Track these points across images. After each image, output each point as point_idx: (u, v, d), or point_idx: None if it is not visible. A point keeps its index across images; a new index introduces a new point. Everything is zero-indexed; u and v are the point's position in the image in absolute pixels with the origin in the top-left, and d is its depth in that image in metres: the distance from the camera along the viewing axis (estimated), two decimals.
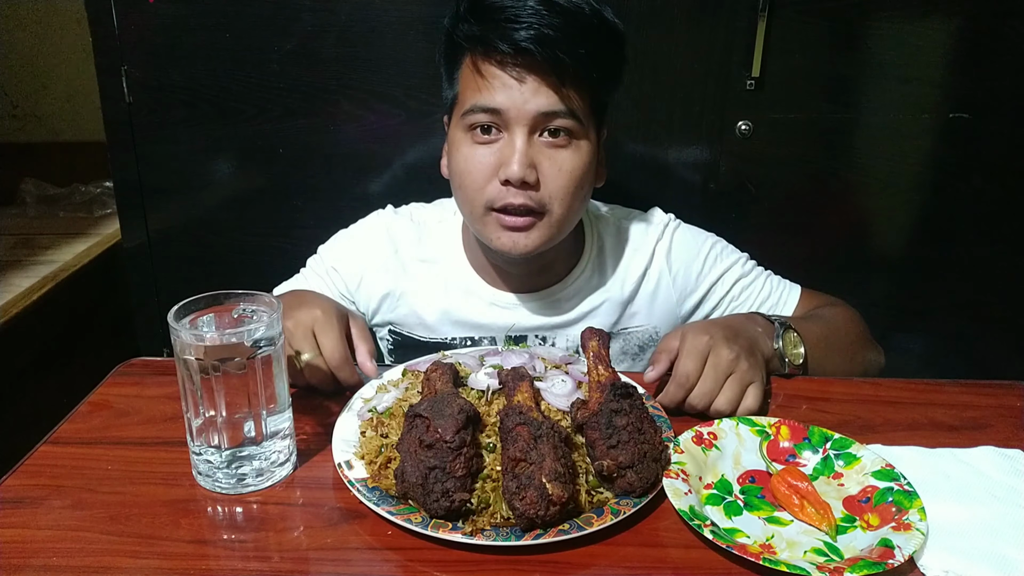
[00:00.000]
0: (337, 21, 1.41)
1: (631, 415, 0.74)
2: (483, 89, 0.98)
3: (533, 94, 0.96)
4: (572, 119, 0.98)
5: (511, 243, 1.02)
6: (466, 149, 1.01)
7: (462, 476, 0.70)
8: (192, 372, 0.73)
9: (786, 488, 0.75)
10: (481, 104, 0.98)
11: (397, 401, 0.85)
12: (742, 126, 1.45)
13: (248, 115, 1.47)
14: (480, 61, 0.98)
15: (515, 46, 0.94)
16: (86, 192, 2.10)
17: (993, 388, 0.96)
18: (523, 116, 0.97)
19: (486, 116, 0.98)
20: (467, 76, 1.00)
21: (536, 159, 0.99)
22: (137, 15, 1.42)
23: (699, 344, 0.89)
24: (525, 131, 0.98)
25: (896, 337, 1.59)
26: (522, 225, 1.00)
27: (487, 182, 1.00)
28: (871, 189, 1.51)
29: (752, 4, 1.37)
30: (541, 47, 0.93)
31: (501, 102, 0.97)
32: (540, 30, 0.93)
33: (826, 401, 0.93)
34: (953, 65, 1.42)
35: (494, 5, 0.96)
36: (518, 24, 0.93)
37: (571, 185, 1.00)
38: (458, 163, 1.03)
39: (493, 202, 1.00)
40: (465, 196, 1.03)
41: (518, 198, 0.99)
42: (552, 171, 0.99)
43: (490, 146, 1.00)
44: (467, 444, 0.71)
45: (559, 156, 0.99)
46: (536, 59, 0.94)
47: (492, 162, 0.99)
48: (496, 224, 1.02)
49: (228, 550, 0.69)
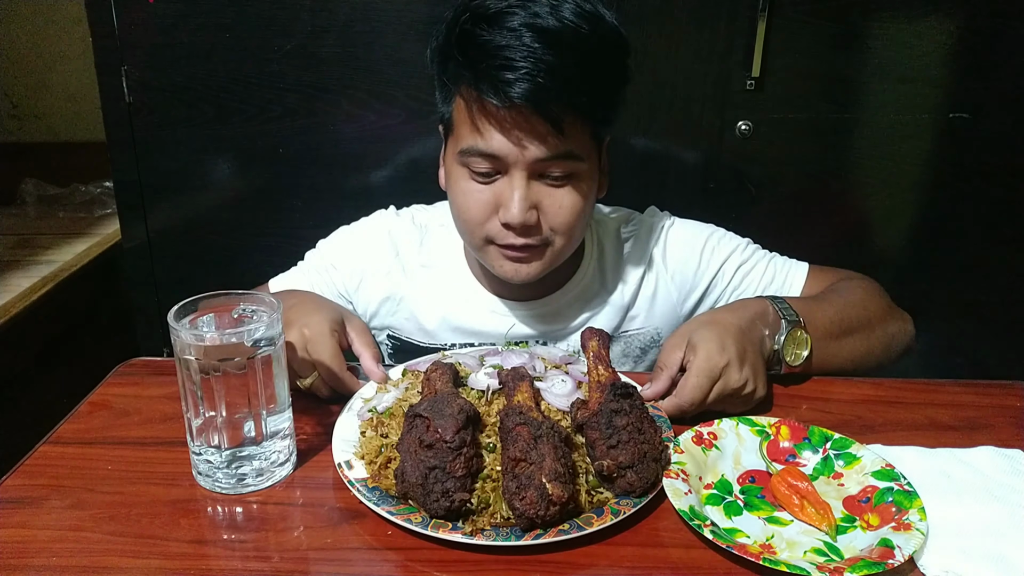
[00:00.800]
0: (337, 21, 1.42)
1: (631, 415, 0.74)
2: (479, 132, 0.94)
3: (530, 143, 0.92)
4: (572, 160, 0.95)
5: (513, 271, 1.01)
6: (464, 184, 0.98)
7: (462, 476, 0.70)
8: (192, 372, 0.73)
9: (786, 488, 0.75)
10: (478, 149, 0.94)
11: (397, 401, 0.85)
12: (742, 126, 1.45)
13: (248, 115, 1.47)
14: (475, 106, 0.94)
15: (508, 101, 0.88)
16: (86, 192, 2.10)
17: (993, 388, 0.96)
18: (521, 162, 0.94)
19: (483, 160, 0.95)
20: (462, 112, 0.96)
21: (536, 199, 0.96)
22: (137, 15, 1.42)
23: (709, 368, 0.86)
24: (524, 174, 0.95)
25: None
26: (523, 257, 1.00)
27: (487, 219, 0.98)
28: (871, 189, 1.51)
29: (752, 4, 1.37)
30: (535, 103, 0.88)
31: (498, 148, 0.93)
32: (534, 80, 0.87)
33: (826, 401, 0.93)
34: (953, 65, 1.42)
35: (486, 46, 0.89)
36: (512, 72, 0.87)
37: (573, 219, 0.99)
38: (456, 196, 1.01)
39: (494, 239, 0.99)
40: (465, 227, 1.02)
41: (519, 240, 0.98)
42: (553, 208, 0.97)
43: (489, 184, 0.97)
44: (467, 444, 0.71)
45: (559, 194, 0.97)
46: (532, 111, 0.90)
47: (491, 200, 0.97)
48: (497, 254, 1.01)
49: (228, 550, 0.69)
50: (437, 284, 1.14)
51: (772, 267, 1.16)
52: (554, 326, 1.13)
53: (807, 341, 0.96)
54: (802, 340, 0.96)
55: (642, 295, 1.15)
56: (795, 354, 0.95)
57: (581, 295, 1.13)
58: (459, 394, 0.79)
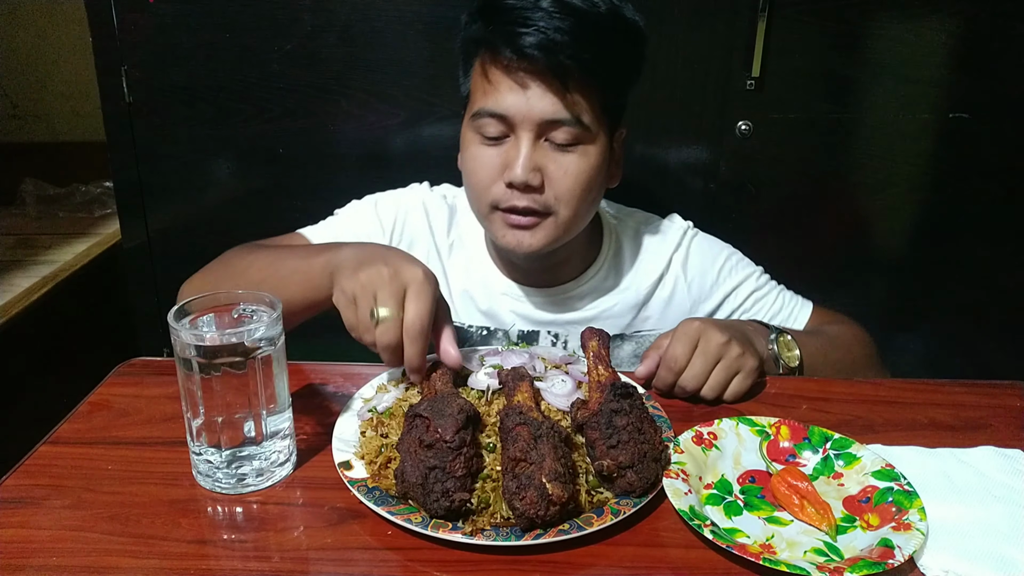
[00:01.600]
0: (337, 21, 1.42)
1: (631, 415, 0.74)
2: (490, 93, 0.98)
3: (538, 100, 0.96)
4: (578, 126, 0.97)
5: (516, 241, 1.02)
6: (474, 149, 1.02)
7: (462, 476, 0.70)
8: (192, 372, 0.73)
9: (786, 488, 0.75)
10: (488, 109, 0.98)
11: (397, 401, 0.85)
12: (742, 126, 1.45)
13: (248, 115, 1.48)
14: (488, 64, 0.98)
15: (519, 52, 0.93)
16: (86, 192, 2.11)
17: (993, 388, 0.96)
18: (528, 121, 0.97)
19: (493, 120, 0.99)
20: (477, 78, 1.01)
21: (541, 162, 0.99)
22: (137, 15, 1.42)
23: (689, 329, 0.91)
24: (531, 136, 0.98)
25: (896, 337, 1.59)
26: (526, 224, 1.01)
27: (492, 182, 1.01)
28: (871, 189, 1.51)
29: (752, 4, 1.37)
30: (545, 53, 0.92)
31: (507, 107, 0.97)
32: (547, 35, 0.92)
33: (826, 401, 0.93)
34: (953, 65, 1.42)
35: (504, 6, 0.95)
36: (526, 28, 0.92)
37: (576, 188, 1.00)
38: (467, 162, 1.04)
39: (498, 202, 1.01)
40: (473, 194, 1.05)
41: (522, 200, 0.99)
42: (558, 174, 0.99)
43: (497, 147, 1.00)
44: (467, 444, 0.71)
45: (565, 160, 0.99)
46: (541, 65, 0.94)
47: (498, 163, 1.00)
48: (502, 222, 1.02)
49: (228, 550, 0.69)
50: (461, 263, 1.17)
51: (781, 299, 1.20)
52: (567, 315, 1.15)
53: (796, 344, 1.01)
54: (791, 343, 1.01)
55: (658, 296, 1.17)
56: (788, 355, 1.00)
57: (596, 288, 1.15)
58: (459, 394, 0.79)
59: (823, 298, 1.57)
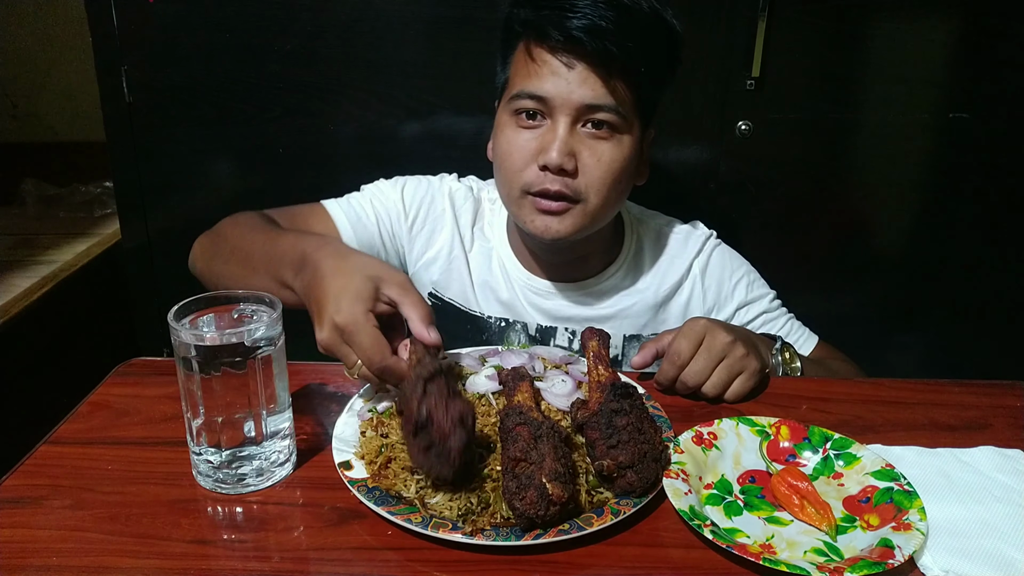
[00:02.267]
0: (337, 21, 1.42)
1: (631, 415, 0.74)
2: (532, 75, 0.99)
3: (580, 84, 0.97)
4: (615, 114, 0.99)
5: (544, 226, 1.03)
6: (510, 132, 1.03)
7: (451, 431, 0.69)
8: (192, 372, 0.73)
9: (786, 488, 0.75)
10: (528, 90, 0.99)
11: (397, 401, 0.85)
12: (742, 126, 1.45)
13: (248, 115, 1.47)
14: (533, 46, 1.00)
15: (567, 34, 0.95)
16: (86, 192, 2.10)
17: (993, 388, 0.96)
18: (568, 105, 0.98)
19: (532, 102, 1.00)
20: (519, 61, 1.02)
21: (576, 148, 1.00)
22: (137, 15, 1.42)
23: (696, 326, 0.92)
24: (568, 120, 0.99)
25: (896, 337, 1.59)
26: (556, 209, 1.02)
27: (526, 166, 1.02)
28: (871, 189, 1.51)
29: (752, 4, 1.37)
30: (592, 37, 0.95)
31: (548, 89, 0.98)
32: (594, 20, 0.94)
33: (826, 401, 0.93)
34: (953, 65, 1.42)
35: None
36: (573, 13, 0.95)
37: (608, 176, 1.01)
38: (501, 145, 1.05)
39: (530, 186, 1.02)
40: (504, 177, 1.05)
41: (555, 184, 1.00)
42: (591, 161, 1.01)
43: (533, 131, 1.01)
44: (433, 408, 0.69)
45: (599, 147, 1.01)
46: (586, 49, 0.96)
47: (533, 147, 1.01)
48: (531, 207, 1.03)
49: (228, 550, 0.69)
50: (483, 254, 1.18)
51: (789, 326, 1.22)
52: (586, 311, 1.15)
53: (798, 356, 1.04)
54: (794, 355, 1.03)
55: (676, 300, 1.18)
56: (792, 367, 1.02)
57: (616, 286, 1.16)
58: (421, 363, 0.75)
59: (823, 298, 1.58)
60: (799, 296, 1.57)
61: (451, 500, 0.71)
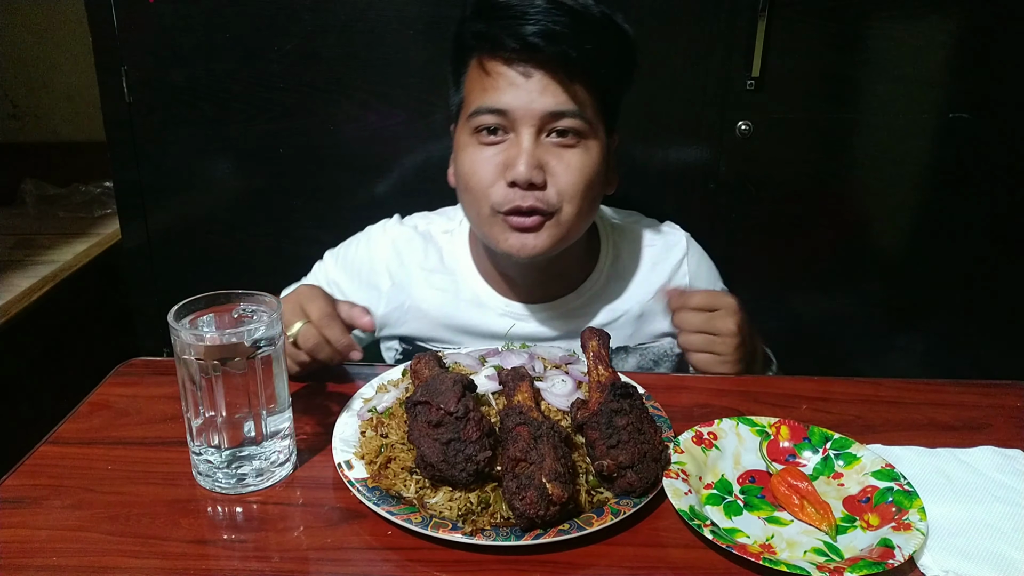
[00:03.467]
0: (337, 21, 1.41)
1: (631, 415, 0.74)
2: (489, 89, 0.96)
3: (540, 93, 0.95)
4: (580, 119, 0.97)
5: (519, 244, 0.99)
6: (472, 151, 1.00)
7: (478, 438, 0.70)
8: (192, 372, 0.73)
9: (786, 488, 0.75)
10: (487, 105, 0.96)
11: (397, 401, 0.85)
12: (742, 126, 1.45)
13: (248, 115, 1.47)
14: (487, 60, 0.97)
15: (522, 42, 0.93)
16: (86, 192, 2.10)
17: (993, 388, 0.96)
18: (530, 116, 0.95)
19: (492, 117, 0.97)
20: (473, 77, 1.00)
21: (543, 159, 0.97)
22: (137, 15, 1.42)
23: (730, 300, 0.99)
24: (532, 131, 0.96)
25: (896, 337, 1.59)
26: (530, 225, 0.98)
27: (493, 183, 0.98)
28: (871, 189, 1.51)
29: (752, 4, 1.37)
30: (549, 43, 0.92)
31: (508, 102, 0.95)
32: (548, 26, 0.92)
33: (826, 401, 0.93)
34: (953, 65, 1.42)
35: (501, 3, 0.95)
36: (526, 20, 0.92)
37: (581, 183, 0.98)
38: (464, 165, 1.01)
39: (500, 205, 0.98)
40: (471, 198, 1.01)
41: (526, 200, 0.97)
42: (560, 169, 0.97)
43: (496, 147, 0.98)
44: (472, 409, 0.72)
45: (567, 155, 0.98)
46: (543, 56, 0.93)
47: (498, 163, 0.97)
48: (503, 226, 0.99)
49: (228, 550, 0.69)
50: (446, 290, 1.13)
51: None
52: (567, 329, 1.12)
53: None
54: None
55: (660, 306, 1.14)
56: None
57: (595, 298, 1.13)
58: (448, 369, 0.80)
59: (823, 298, 1.58)
60: (799, 296, 1.57)
61: (451, 500, 0.71)
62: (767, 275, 1.56)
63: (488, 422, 0.73)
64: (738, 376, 0.99)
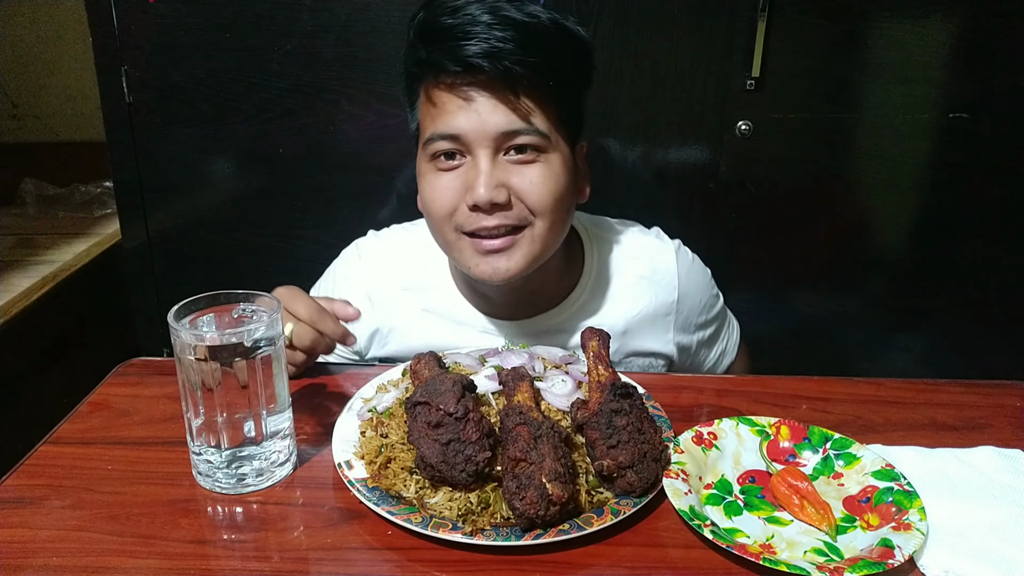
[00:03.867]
0: (337, 21, 1.42)
1: (631, 415, 0.74)
2: (439, 116, 0.93)
3: (490, 113, 0.91)
4: (536, 135, 0.93)
5: (491, 269, 0.96)
6: (431, 178, 0.97)
7: (477, 439, 0.70)
8: (192, 372, 0.73)
9: (786, 488, 0.75)
10: (439, 131, 0.93)
11: (397, 401, 0.85)
12: (742, 126, 1.45)
13: (248, 115, 1.48)
14: (432, 87, 0.94)
15: (464, 63, 0.89)
16: (86, 192, 2.10)
17: (993, 388, 0.96)
18: (483, 137, 0.92)
19: (446, 143, 0.93)
20: (424, 106, 0.96)
21: (503, 179, 0.93)
22: (137, 15, 1.42)
23: None
24: (488, 152, 0.92)
25: (896, 337, 1.59)
26: (500, 247, 0.95)
27: (455, 207, 0.95)
28: (871, 189, 1.51)
29: (752, 4, 1.37)
30: (490, 61, 0.88)
31: (459, 126, 0.92)
32: (490, 43, 0.88)
33: (826, 401, 0.93)
34: (953, 65, 1.42)
35: (442, 26, 0.91)
36: (467, 40, 0.89)
37: (548, 198, 0.94)
38: (425, 193, 0.98)
39: (463, 226, 0.95)
40: (436, 224, 0.98)
41: (491, 220, 0.93)
42: (523, 185, 0.93)
43: (455, 172, 0.95)
44: (472, 410, 0.72)
45: (528, 171, 0.94)
46: (488, 75, 0.90)
47: (458, 186, 0.94)
48: (472, 250, 0.96)
49: (228, 550, 0.69)
50: (424, 307, 1.10)
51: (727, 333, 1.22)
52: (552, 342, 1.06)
53: None
54: None
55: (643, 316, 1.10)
56: None
57: (578, 313, 1.08)
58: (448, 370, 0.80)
59: (823, 298, 1.58)
60: (799, 296, 1.57)
61: (451, 500, 0.71)
62: (767, 275, 1.56)
63: (488, 423, 0.73)
64: (740, 376, 0.99)
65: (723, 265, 1.27)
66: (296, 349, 0.92)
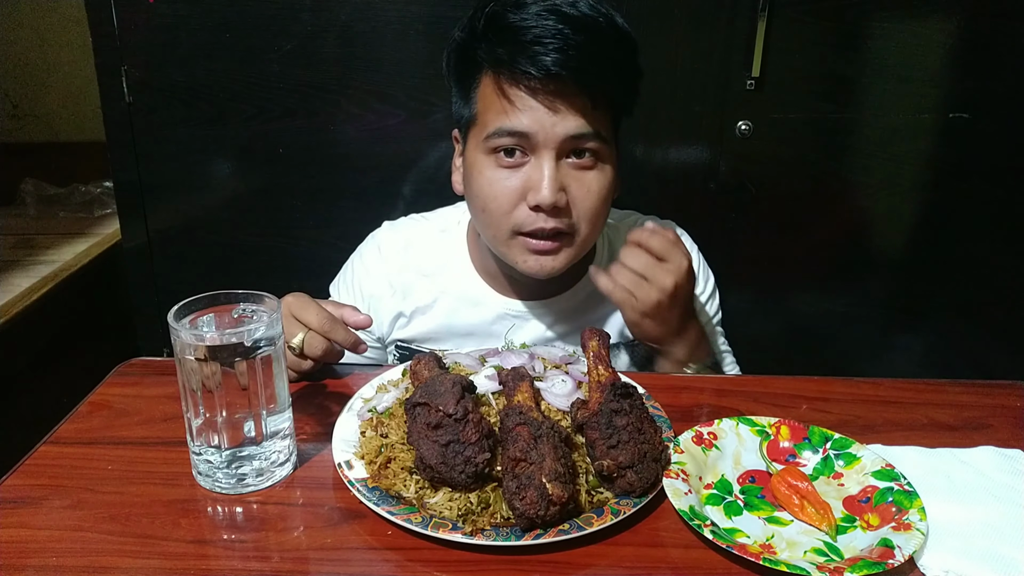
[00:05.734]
0: (337, 21, 1.42)
1: (631, 415, 0.74)
2: (509, 112, 0.95)
3: (563, 118, 0.94)
4: (599, 141, 0.96)
5: (538, 266, 1.00)
6: (489, 172, 0.98)
7: (477, 440, 0.70)
8: (192, 372, 0.73)
9: (786, 488, 0.75)
10: (507, 128, 0.95)
11: (397, 401, 0.85)
12: (742, 126, 1.45)
13: (248, 115, 1.47)
14: (506, 84, 0.95)
15: (545, 71, 0.91)
16: (86, 192, 2.10)
17: (993, 388, 0.96)
18: (551, 140, 0.94)
19: (511, 139, 0.95)
20: (489, 97, 0.97)
21: (564, 182, 0.96)
22: (137, 15, 1.42)
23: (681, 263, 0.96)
24: (553, 154, 0.95)
25: (896, 337, 1.59)
26: (550, 248, 0.99)
27: (513, 207, 0.98)
28: (871, 189, 1.51)
29: (752, 4, 1.37)
30: (572, 72, 0.91)
31: (528, 125, 0.94)
32: (567, 53, 0.90)
33: (826, 401, 0.93)
34: (953, 65, 1.42)
35: (515, 25, 0.93)
36: (544, 47, 0.91)
37: (599, 205, 0.99)
38: (481, 187, 0.99)
39: (521, 227, 0.98)
40: (490, 220, 1.00)
41: (549, 223, 0.97)
42: (580, 193, 0.97)
43: (516, 170, 0.97)
44: (471, 411, 0.72)
45: (586, 178, 0.98)
46: (565, 83, 0.92)
47: (518, 186, 0.97)
48: (522, 248, 1.00)
49: (228, 550, 0.69)
50: (443, 292, 1.14)
51: None
52: (566, 326, 1.13)
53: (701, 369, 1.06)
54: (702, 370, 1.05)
55: None
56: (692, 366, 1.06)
57: (593, 293, 1.11)
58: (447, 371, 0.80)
59: (823, 298, 1.58)
60: (799, 296, 1.57)
61: (451, 500, 0.71)
62: (767, 275, 1.56)
63: (487, 424, 0.73)
64: (740, 376, 0.99)
65: (723, 265, 1.27)
66: (307, 358, 0.91)
